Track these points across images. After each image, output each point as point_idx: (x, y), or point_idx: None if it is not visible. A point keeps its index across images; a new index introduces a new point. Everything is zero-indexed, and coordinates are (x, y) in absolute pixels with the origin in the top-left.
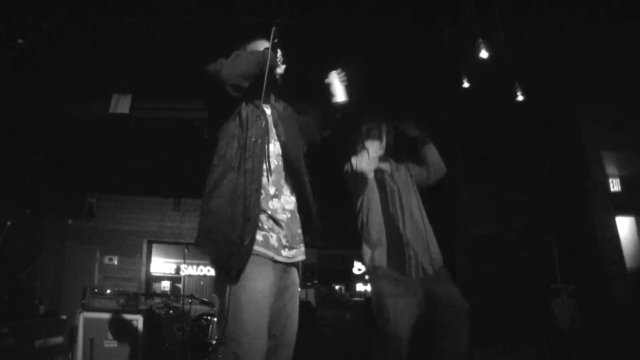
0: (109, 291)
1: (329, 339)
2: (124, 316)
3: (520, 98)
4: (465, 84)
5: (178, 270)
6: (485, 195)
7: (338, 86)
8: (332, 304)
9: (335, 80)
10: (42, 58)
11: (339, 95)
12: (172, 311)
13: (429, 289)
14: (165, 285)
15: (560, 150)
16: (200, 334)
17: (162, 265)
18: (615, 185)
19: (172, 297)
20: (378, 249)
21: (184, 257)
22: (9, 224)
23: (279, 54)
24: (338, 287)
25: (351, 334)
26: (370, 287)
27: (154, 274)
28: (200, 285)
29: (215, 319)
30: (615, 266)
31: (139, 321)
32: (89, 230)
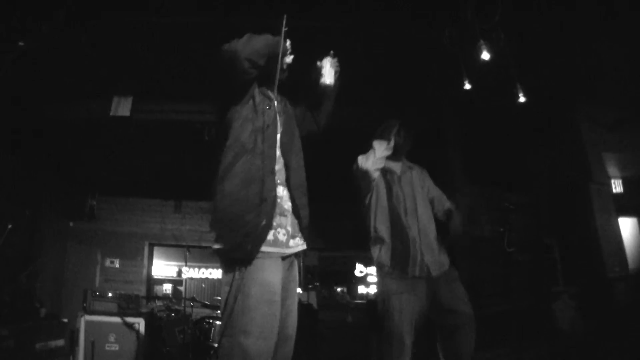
0: (110, 294)
1: (330, 342)
2: (125, 319)
3: (522, 100)
4: (466, 86)
5: (180, 273)
6: (485, 196)
7: (329, 69)
8: (333, 306)
9: (328, 64)
10: (43, 59)
11: (327, 78)
12: (174, 314)
13: (433, 291)
14: (167, 288)
15: (560, 150)
16: (202, 337)
17: (164, 267)
18: (617, 186)
19: (174, 300)
20: (384, 247)
21: (186, 260)
22: (10, 227)
23: (288, 43)
24: (339, 290)
25: (352, 336)
26: (377, 285)
27: (155, 276)
28: (202, 288)
29: (219, 318)
30: (617, 268)
31: (141, 324)
32: (90, 232)
